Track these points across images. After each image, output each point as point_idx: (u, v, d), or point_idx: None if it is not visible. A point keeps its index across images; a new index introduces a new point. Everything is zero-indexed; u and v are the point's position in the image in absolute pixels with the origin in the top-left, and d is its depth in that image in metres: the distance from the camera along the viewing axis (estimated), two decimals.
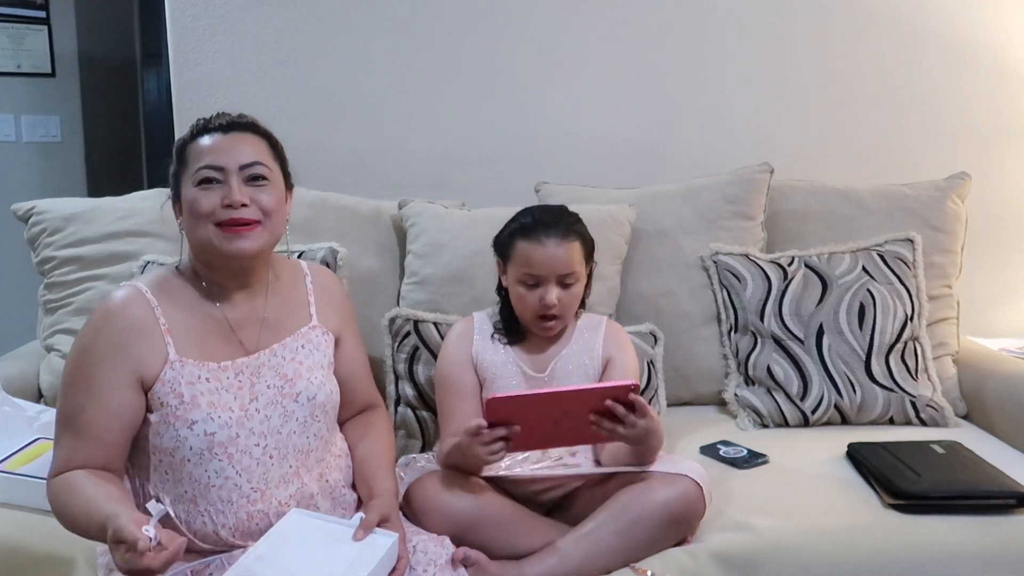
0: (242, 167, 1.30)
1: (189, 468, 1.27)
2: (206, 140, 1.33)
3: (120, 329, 1.27)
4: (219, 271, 1.35)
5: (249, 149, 1.33)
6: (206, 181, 1.29)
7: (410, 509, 1.48)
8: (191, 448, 1.26)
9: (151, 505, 1.12)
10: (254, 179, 1.31)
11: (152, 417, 1.27)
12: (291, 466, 1.34)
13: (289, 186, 1.41)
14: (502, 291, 1.72)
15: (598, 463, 1.62)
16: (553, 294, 1.59)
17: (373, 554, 1.21)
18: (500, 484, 1.58)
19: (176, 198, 1.35)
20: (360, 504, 1.41)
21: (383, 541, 1.24)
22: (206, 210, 1.28)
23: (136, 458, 1.31)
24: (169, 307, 1.31)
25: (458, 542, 1.40)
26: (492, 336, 1.70)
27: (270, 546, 1.20)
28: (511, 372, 1.66)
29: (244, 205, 1.29)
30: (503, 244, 1.67)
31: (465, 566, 1.37)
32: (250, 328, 1.36)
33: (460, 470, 1.51)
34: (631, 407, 1.38)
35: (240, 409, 1.30)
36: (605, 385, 1.45)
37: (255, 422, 1.30)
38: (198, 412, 1.26)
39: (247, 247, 1.30)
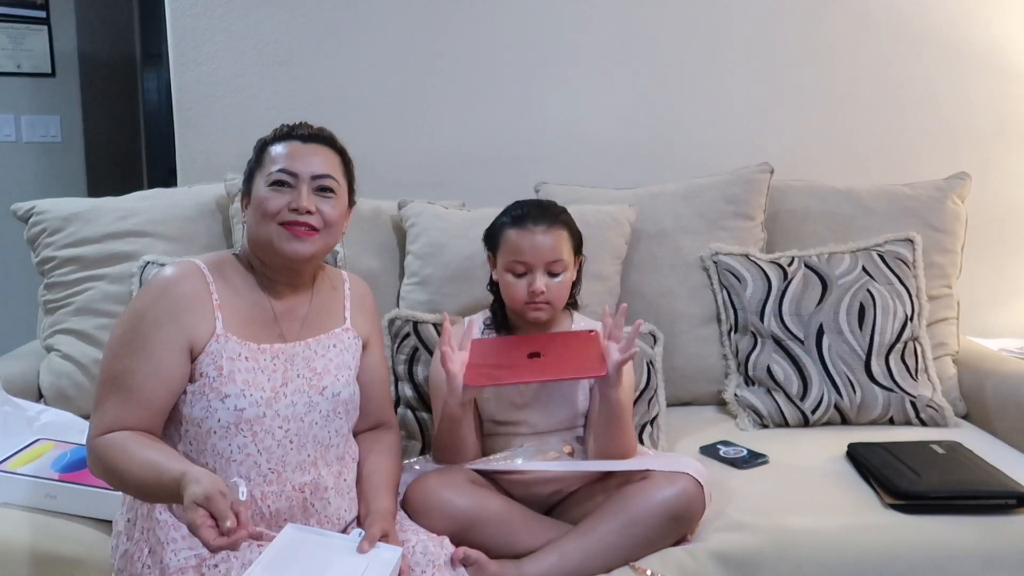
0: (314, 177, 1.38)
1: (214, 440, 1.31)
2: (285, 145, 1.40)
3: (176, 298, 1.32)
4: (271, 267, 1.41)
5: (322, 161, 1.40)
6: (278, 184, 1.37)
7: (410, 508, 1.48)
8: (219, 420, 1.30)
9: (237, 481, 1.16)
10: (322, 190, 1.39)
11: (189, 387, 1.31)
12: (309, 455, 1.37)
13: (352, 202, 1.48)
14: (492, 286, 1.73)
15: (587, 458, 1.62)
16: (541, 281, 1.60)
17: (382, 567, 1.22)
18: (499, 484, 1.58)
19: (246, 192, 1.42)
20: (358, 519, 1.42)
21: (389, 555, 1.25)
22: (273, 210, 1.35)
23: (165, 427, 1.34)
24: (222, 286, 1.37)
25: (457, 541, 1.40)
26: (483, 334, 1.71)
27: (274, 558, 1.19)
28: None
29: (309, 212, 1.36)
30: (492, 235, 1.70)
31: (464, 565, 1.37)
32: (291, 321, 1.42)
33: (446, 435, 1.55)
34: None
35: (271, 390, 1.34)
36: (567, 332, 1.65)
37: (282, 405, 1.34)
38: (233, 387, 1.30)
39: (303, 250, 1.37)
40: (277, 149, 1.40)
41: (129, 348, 1.29)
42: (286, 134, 1.42)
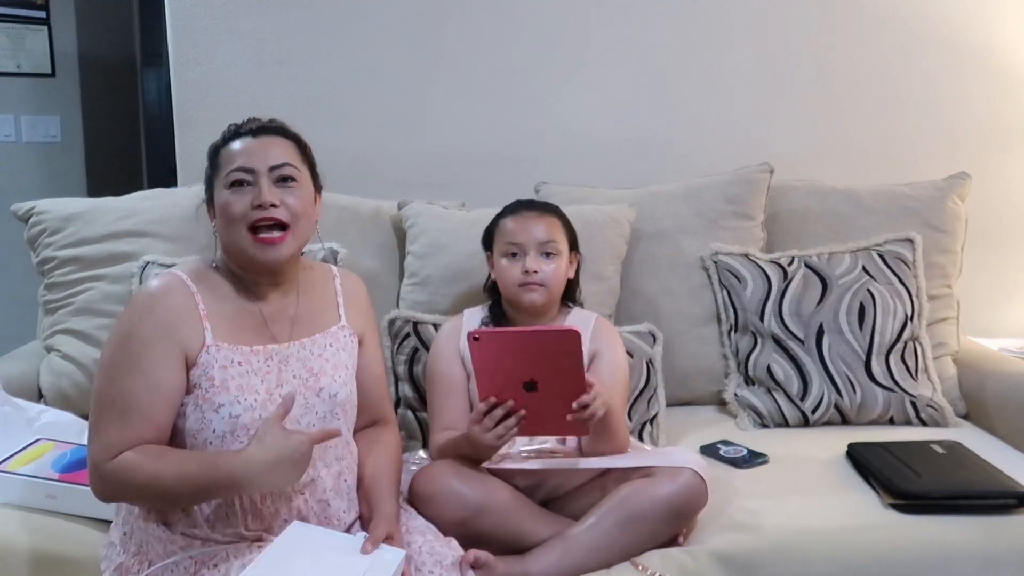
0: (271, 168, 1.34)
1: (211, 450, 1.29)
2: (237, 144, 1.37)
3: (164, 311, 1.30)
4: (251, 271, 1.39)
5: (278, 151, 1.36)
6: (237, 184, 1.33)
7: (416, 496, 1.48)
8: (214, 431, 1.29)
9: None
10: (283, 180, 1.35)
11: (184, 398, 1.30)
12: None
13: (318, 188, 1.45)
14: (490, 285, 1.75)
15: (582, 453, 1.62)
16: (534, 262, 1.66)
17: (385, 568, 1.22)
18: (501, 475, 1.58)
19: (209, 201, 1.40)
20: (360, 521, 1.42)
21: (392, 556, 1.25)
22: (238, 212, 1.32)
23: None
24: (207, 295, 1.35)
25: (464, 530, 1.41)
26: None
27: (277, 556, 1.20)
28: None
29: (274, 205, 1.32)
30: (489, 231, 1.77)
31: (474, 568, 1.36)
32: (282, 323, 1.40)
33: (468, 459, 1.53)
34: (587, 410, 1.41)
35: (266, 392, 1.32)
36: (548, 329, 1.56)
37: None
38: (226, 395, 1.29)
39: (279, 256, 1.35)
40: (229, 149, 1.36)
41: (124, 369, 1.26)
42: (235, 133, 1.38)
